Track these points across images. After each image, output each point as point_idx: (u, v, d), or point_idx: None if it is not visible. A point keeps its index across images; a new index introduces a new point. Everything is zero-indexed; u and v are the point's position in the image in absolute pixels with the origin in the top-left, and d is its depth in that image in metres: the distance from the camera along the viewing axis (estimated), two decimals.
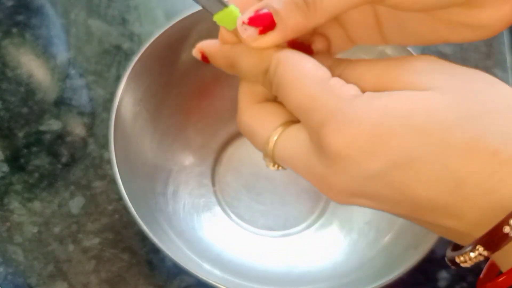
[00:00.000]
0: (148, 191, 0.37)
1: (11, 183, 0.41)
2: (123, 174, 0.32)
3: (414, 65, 0.20)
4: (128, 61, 0.49)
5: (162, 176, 0.39)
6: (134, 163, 0.35)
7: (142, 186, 0.36)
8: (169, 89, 0.40)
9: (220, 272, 0.34)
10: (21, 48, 0.49)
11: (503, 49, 0.54)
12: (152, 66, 0.38)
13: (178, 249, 0.33)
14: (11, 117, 0.44)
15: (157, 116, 0.39)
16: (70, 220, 0.40)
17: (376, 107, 0.19)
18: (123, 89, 0.34)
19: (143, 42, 0.50)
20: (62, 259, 0.39)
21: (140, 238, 0.40)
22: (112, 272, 0.38)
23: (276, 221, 0.41)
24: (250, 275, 0.36)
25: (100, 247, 0.39)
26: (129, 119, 0.36)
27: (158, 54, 0.38)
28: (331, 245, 0.39)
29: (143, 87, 0.37)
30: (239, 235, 0.40)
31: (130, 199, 0.31)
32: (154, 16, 0.52)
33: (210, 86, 0.43)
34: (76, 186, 0.42)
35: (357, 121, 0.19)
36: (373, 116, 0.19)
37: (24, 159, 0.42)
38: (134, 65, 0.35)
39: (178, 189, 0.39)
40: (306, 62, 0.21)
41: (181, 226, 0.38)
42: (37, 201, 0.41)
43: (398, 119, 0.19)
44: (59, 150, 0.43)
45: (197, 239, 0.38)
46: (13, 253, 0.39)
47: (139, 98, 0.37)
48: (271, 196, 0.42)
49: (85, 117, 0.45)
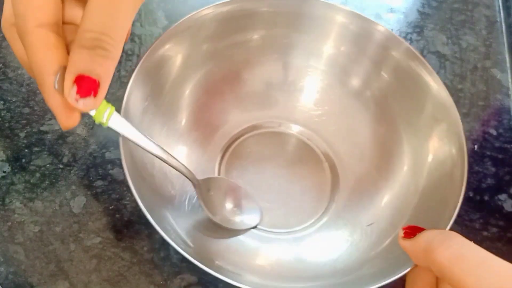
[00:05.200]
0: (155, 185, 0.37)
1: (13, 182, 0.42)
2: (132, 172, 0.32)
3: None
4: (129, 62, 0.49)
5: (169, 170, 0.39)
6: (141, 159, 0.35)
7: (149, 180, 0.36)
8: (177, 85, 0.41)
9: (222, 265, 0.34)
10: None
11: (502, 49, 0.54)
12: (159, 64, 0.38)
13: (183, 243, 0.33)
14: (12, 117, 0.45)
15: (165, 112, 0.40)
16: (71, 220, 0.40)
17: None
18: (131, 85, 0.35)
19: (144, 43, 0.50)
20: (63, 258, 0.39)
21: (141, 237, 0.40)
22: (113, 271, 0.39)
23: (279, 219, 0.41)
24: (250, 270, 0.36)
25: (101, 246, 0.39)
26: (137, 113, 0.36)
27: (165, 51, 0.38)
28: (333, 244, 0.39)
29: (151, 83, 0.37)
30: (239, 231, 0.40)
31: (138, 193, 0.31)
32: (155, 17, 0.52)
33: (217, 83, 0.43)
34: (77, 186, 0.42)
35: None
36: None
37: (26, 159, 0.43)
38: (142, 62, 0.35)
39: (184, 184, 0.39)
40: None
41: (186, 219, 0.38)
42: (39, 201, 0.41)
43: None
44: (60, 150, 0.43)
45: (199, 234, 0.38)
46: (14, 253, 0.39)
47: (147, 94, 0.37)
48: (275, 194, 0.42)
49: (86, 117, 0.45)
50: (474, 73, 0.52)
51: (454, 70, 0.52)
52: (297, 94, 0.45)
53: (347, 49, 0.42)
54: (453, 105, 0.37)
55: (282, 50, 0.43)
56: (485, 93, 0.51)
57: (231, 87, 0.44)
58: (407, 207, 0.38)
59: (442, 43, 0.54)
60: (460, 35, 0.55)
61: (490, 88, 0.51)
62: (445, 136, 0.37)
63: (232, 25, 0.41)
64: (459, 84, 0.51)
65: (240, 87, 0.44)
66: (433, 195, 0.36)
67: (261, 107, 0.45)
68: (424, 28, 0.55)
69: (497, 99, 0.51)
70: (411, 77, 0.39)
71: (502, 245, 0.42)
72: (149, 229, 0.40)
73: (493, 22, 0.56)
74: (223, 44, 0.41)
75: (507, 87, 0.52)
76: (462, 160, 0.35)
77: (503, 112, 0.50)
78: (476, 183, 0.45)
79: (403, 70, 0.40)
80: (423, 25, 0.55)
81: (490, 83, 0.52)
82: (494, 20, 0.56)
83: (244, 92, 0.44)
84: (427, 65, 0.38)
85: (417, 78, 0.39)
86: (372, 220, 0.39)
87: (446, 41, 0.54)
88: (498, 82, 0.52)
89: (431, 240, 0.28)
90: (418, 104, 0.39)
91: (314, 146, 0.44)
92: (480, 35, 0.55)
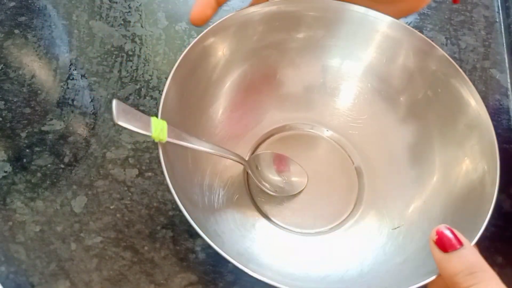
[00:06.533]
0: (187, 180, 0.37)
1: (14, 182, 0.42)
2: (168, 168, 0.32)
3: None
4: (130, 62, 0.49)
5: (200, 168, 0.39)
6: (175, 156, 0.36)
7: (181, 174, 0.37)
8: (216, 80, 0.41)
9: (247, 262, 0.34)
10: (23, 49, 0.49)
11: (501, 50, 0.54)
12: (200, 57, 0.38)
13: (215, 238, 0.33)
14: (13, 117, 0.45)
15: (200, 105, 0.40)
16: (72, 219, 0.40)
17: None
18: (171, 77, 0.35)
19: (145, 43, 0.51)
20: (64, 257, 0.39)
21: (142, 236, 0.40)
22: (114, 270, 0.39)
23: (305, 220, 0.41)
24: (274, 269, 0.36)
25: (102, 245, 0.39)
26: (175, 106, 0.36)
27: (208, 46, 0.39)
28: (360, 247, 0.39)
29: (190, 76, 0.38)
30: (268, 230, 0.40)
31: (171, 181, 0.31)
32: (156, 17, 0.52)
33: (256, 82, 0.43)
34: (78, 186, 0.42)
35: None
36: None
37: (27, 159, 0.43)
38: (185, 54, 0.36)
39: (213, 183, 0.39)
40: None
41: (215, 217, 0.38)
42: (40, 201, 0.41)
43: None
44: (61, 150, 0.43)
45: (229, 231, 0.38)
46: (15, 252, 0.39)
47: (186, 86, 0.38)
48: (302, 195, 0.42)
49: (87, 117, 0.45)
50: (473, 73, 0.52)
51: None
52: (333, 99, 0.45)
53: (383, 56, 0.43)
54: (489, 123, 0.36)
55: (321, 53, 0.44)
56: (484, 93, 0.51)
57: (269, 86, 0.44)
58: (435, 213, 0.38)
59: (441, 44, 0.54)
60: (459, 36, 0.55)
61: (489, 88, 0.51)
62: (478, 153, 0.37)
63: (276, 25, 0.41)
64: None
65: (277, 87, 0.45)
66: (463, 205, 0.36)
67: (296, 108, 0.45)
68: (423, 28, 0.55)
69: (496, 99, 0.51)
70: (448, 90, 0.39)
71: (502, 245, 0.42)
72: (149, 229, 0.40)
73: (492, 23, 0.56)
74: (264, 43, 0.42)
75: (506, 88, 0.52)
76: (493, 178, 0.34)
77: (502, 112, 0.50)
78: None
79: (440, 81, 0.40)
80: (422, 26, 0.55)
81: (489, 84, 0.52)
82: (493, 21, 0.57)
83: (280, 92, 0.45)
84: (466, 79, 0.38)
85: (454, 91, 0.39)
86: (398, 224, 0.39)
87: (445, 41, 0.54)
88: (497, 82, 0.52)
89: (461, 277, 0.28)
90: (453, 116, 0.39)
91: (343, 150, 0.45)
92: (479, 36, 0.55)
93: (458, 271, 0.28)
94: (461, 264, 0.29)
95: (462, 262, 0.29)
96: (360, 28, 0.42)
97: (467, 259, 0.29)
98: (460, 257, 0.29)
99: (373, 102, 0.44)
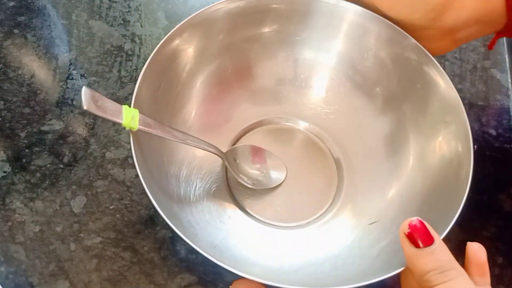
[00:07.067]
0: (162, 171, 0.37)
1: (13, 182, 0.42)
2: (139, 157, 0.32)
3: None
4: (129, 62, 0.49)
5: (177, 160, 0.39)
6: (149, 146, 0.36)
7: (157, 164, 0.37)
8: (189, 77, 0.41)
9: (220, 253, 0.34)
10: (22, 48, 0.49)
11: (502, 49, 0.54)
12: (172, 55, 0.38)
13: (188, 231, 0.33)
14: (13, 117, 0.45)
15: (175, 103, 0.40)
16: (71, 219, 0.40)
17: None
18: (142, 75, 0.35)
19: (144, 43, 0.51)
20: (63, 258, 0.39)
21: (141, 237, 0.40)
22: (114, 271, 0.39)
23: (282, 213, 0.41)
24: (251, 262, 0.36)
25: (101, 246, 0.39)
26: (149, 103, 0.36)
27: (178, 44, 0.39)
28: (336, 240, 0.39)
29: (163, 74, 0.38)
30: (244, 223, 0.40)
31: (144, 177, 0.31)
32: (155, 17, 0.52)
33: (229, 77, 0.43)
34: (77, 186, 0.42)
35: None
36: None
37: (26, 159, 0.43)
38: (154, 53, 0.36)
39: (190, 174, 0.39)
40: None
41: (190, 208, 0.38)
42: (39, 201, 0.41)
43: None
44: (60, 150, 0.43)
45: (204, 223, 0.38)
46: (14, 252, 0.39)
47: (159, 84, 0.38)
48: (281, 189, 0.42)
49: (86, 117, 0.45)
50: (473, 73, 0.52)
51: (453, 70, 0.52)
52: (307, 91, 0.45)
53: (355, 46, 0.42)
54: (460, 105, 0.37)
55: (293, 46, 0.44)
56: (484, 93, 0.51)
57: (242, 81, 0.44)
58: (411, 205, 0.38)
59: None
60: None
61: (490, 88, 0.51)
62: (452, 136, 0.37)
63: (244, 20, 0.41)
64: (459, 84, 0.51)
65: (251, 81, 0.45)
66: (438, 194, 0.36)
67: (271, 102, 0.46)
68: None
69: (497, 99, 0.51)
70: (420, 75, 0.39)
71: (502, 245, 0.42)
72: (149, 229, 0.40)
73: None
74: (235, 38, 0.42)
75: (507, 87, 0.52)
76: (468, 160, 0.35)
77: (503, 112, 0.50)
78: (476, 183, 0.45)
79: (412, 67, 0.40)
80: None
81: (490, 83, 0.52)
82: None
83: (254, 87, 0.45)
84: (436, 63, 0.38)
85: (425, 76, 0.39)
86: (375, 218, 0.39)
87: None
88: (497, 82, 0.52)
89: (432, 275, 0.28)
90: (425, 102, 0.39)
91: (321, 143, 0.45)
92: None
93: (429, 269, 0.28)
94: (432, 262, 0.28)
95: (433, 260, 0.28)
96: (330, 19, 0.42)
97: (439, 257, 0.28)
98: (432, 255, 0.28)
99: (349, 93, 0.44)
